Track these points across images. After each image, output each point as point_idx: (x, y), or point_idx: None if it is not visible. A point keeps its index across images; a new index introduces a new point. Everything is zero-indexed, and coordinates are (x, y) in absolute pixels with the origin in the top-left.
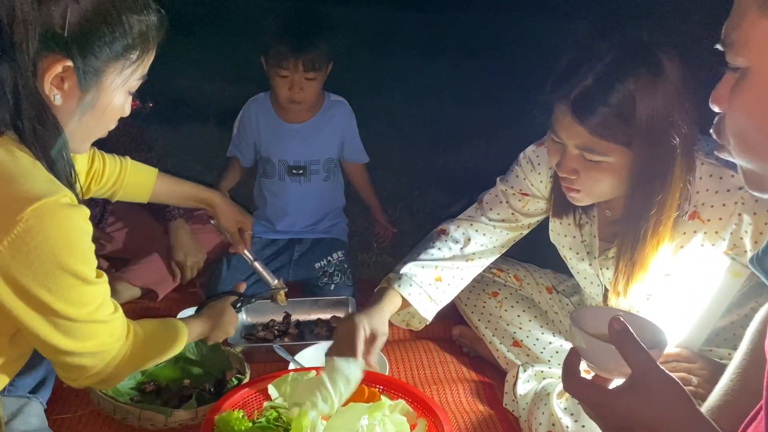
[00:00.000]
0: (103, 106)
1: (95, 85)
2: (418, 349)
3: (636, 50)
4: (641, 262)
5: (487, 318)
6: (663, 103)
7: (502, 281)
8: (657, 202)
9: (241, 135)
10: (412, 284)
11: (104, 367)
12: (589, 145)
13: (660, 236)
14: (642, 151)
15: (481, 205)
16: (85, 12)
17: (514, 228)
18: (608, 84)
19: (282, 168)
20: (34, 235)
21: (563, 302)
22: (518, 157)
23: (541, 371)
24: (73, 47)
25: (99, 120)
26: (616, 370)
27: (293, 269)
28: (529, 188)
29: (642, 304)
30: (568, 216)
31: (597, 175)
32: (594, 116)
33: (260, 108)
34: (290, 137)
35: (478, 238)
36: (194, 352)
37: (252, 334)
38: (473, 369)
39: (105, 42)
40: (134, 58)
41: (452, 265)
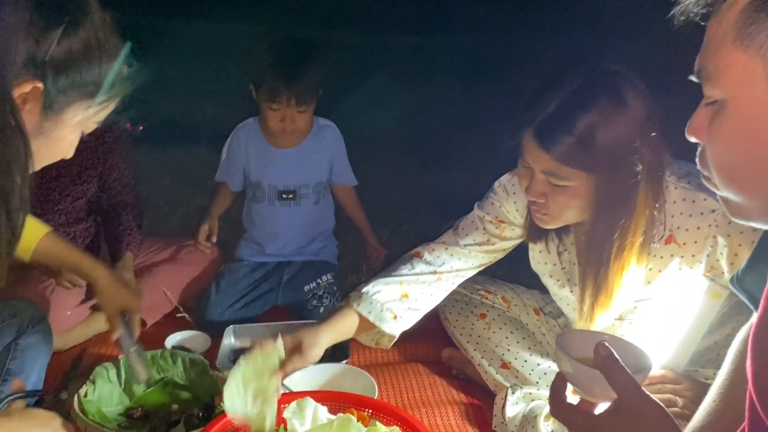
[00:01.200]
0: (57, 137)
1: (56, 115)
2: (407, 371)
3: (599, 80)
4: (605, 287)
5: (476, 340)
6: (624, 132)
7: (490, 303)
8: (620, 227)
9: (230, 160)
10: (373, 302)
11: None
12: (553, 171)
13: (624, 261)
14: (604, 177)
15: (456, 230)
16: (71, 47)
17: (490, 252)
18: (570, 113)
19: (272, 192)
20: None
21: (550, 323)
22: (494, 185)
23: (530, 393)
24: (48, 74)
25: (46, 151)
26: (602, 394)
27: (282, 292)
28: (505, 216)
29: (624, 327)
30: (545, 242)
31: (563, 200)
32: (556, 143)
33: (249, 134)
34: (280, 162)
35: (452, 262)
36: (182, 377)
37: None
38: (462, 391)
39: (80, 79)
40: (101, 101)
41: (419, 280)
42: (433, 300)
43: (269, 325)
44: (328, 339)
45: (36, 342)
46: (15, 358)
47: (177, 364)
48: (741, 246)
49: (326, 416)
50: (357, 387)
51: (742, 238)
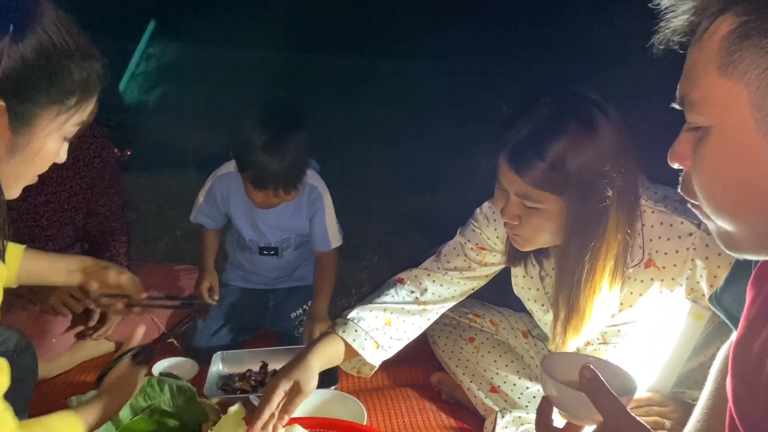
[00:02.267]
0: (34, 150)
1: (27, 128)
2: (396, 396)
3: (571, 106)
4: (576, 310)
5: (465, 364)
6: (594, 158)
7: (479, 326)
8: (590, 249)
9: (210, 205)
10: (358, 329)
11: None
12: (526, 193)
13: (595, 284)
14: (574, 200)
15: (439, 257)
16: (24, 55)
17: (472, 278)
18: (541, 137)
19: (253, 246)
20: None
21: (539, 346)
22: (474, 212)
23: (519, 417)
24: (7, 88)
25: (29, 164)
26: (588, 417)
27: (269, 318)
28: (486, 242)
29: (609, 351)
30: (525, 267)
31: (536, 222)
32: (528, 167)
33: (231, 186)
34: (261, 222)
35: (434, 288)
36: (170, 404)
37: (228, 384)
38: (452, 416)
39: (42, 87)
40: (71, 104)
41: (404, 309)
42: (416, 330)
43: (256, 351)
44: (318, 367)
45: (21, 369)
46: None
47: (164, 391)
48: (720, 268)
49: None
50: (346, 412)
51: (721, 260)
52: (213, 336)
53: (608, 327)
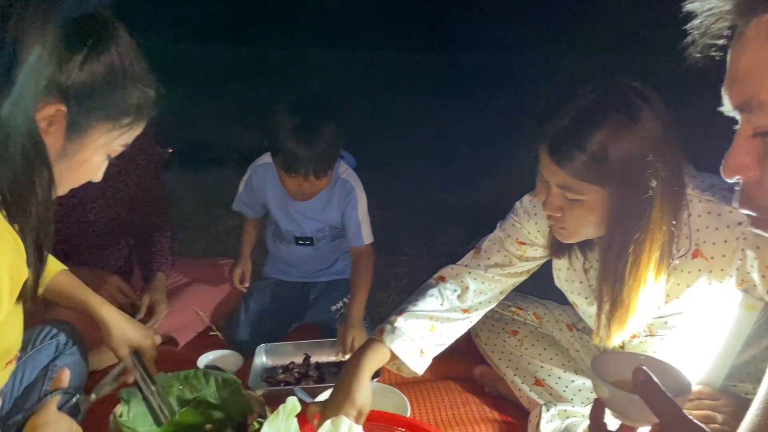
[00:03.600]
0: (81, 160)
1: (80, 137)
2: (439, 389)
3: (612, 95)
4: (621, 304)
5: (508, 357)
6: (637, 147)
7: (522, 319)
8: (634, 242)
9: (249, 195)
10: (405, 339)
11: None
12: (567, 185)
13: (640, 277)
14: (617, 191)
15: (479, 253)
16: (94, 71)
17: (512, 275)
18: (582, 128)
19: (289, 236)
20: None
21: (584, 339)
22: (514, 206)
23: (565, 410)
24: (72, 97)
25: (71, 173)
26: (642, 419)
27: (310, 312)
28: (526, 237)
29: (656, 343)
30: (569, 259)
31: (579, 213)
32: (569, 159)
33: (267, 177)
34: (296, 213)
35: (476, 286)
36: (215, 396)
37: (272, 376)
38: (496, 409)
39: (103, 103)
40: (124, 124)
41: (447, 317)
42: (458, 333)
43: (299, 344)
44: (370, 379)
45: (72, 362)
46: (52, 379)
47: (210, 383)
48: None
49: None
50: (389, 405)
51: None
52: (255, 329)
53: (655, 319)
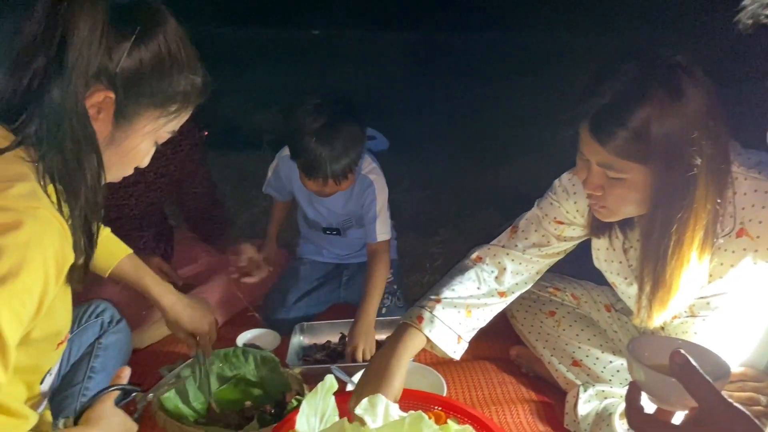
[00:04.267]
0: (129, 147)
1: (128, 124)
2: (475, 369)
3: (655, 70)
4: (663, 284)
5: (545, 338)
6: (681, 124)
7: (559, 300)
8: (677, 221)
9: (277, 182)
10: (443, 327)
11: None
12: (608, 163)
13: (683, 257)
14: (660, 170)
15: (515, 232)
16: (142, 58)
17: (550, 255)
18: (624, 105)
19: (317, 225)
20: None
21: (622, 320)
22: (553, 184)
23: (603, 391)
24: (120, 83)
25: (120, 160)
26: (679, 403)
27: (344, 292)
28: (565, 216)
29: (698, 324)
30: (609, 239)
31: (620, 192)
32: (610, 136)
33: (292, 169)
34: (320, 206)
35: (513, 266)
36: (254, 374)
37: (309, 355)
38: (532, 389)
39: (150, 89)
40: (172, 110)
41: (485, 302)
42: (493, 314)
43: (335, 323)
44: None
45: (116, 341)
46: (98, 357)
47: (249, 361)
48: None
49: (397, 413)
50: (425, 384)
51: None
52: (291, 308)
53: (697, 299)
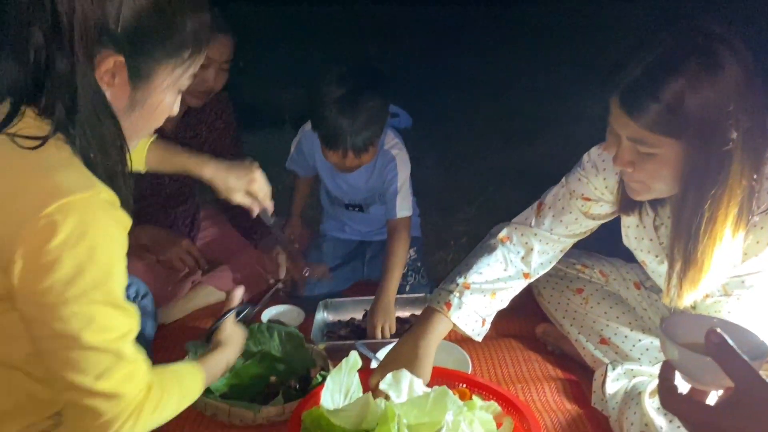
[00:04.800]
0: (153, 104)
1: (146, 83)
2: (500, 346)
3: (691, 41)
4: (695, 263)
5: (572, 315)
6: (717, 98)
7: (587, 277)
8: (710, 197)
9: (300, 157)
10: (470, 312)
11: (116, 416)
12: (639, 138)
13: (715, 235)
14: (693, 145)
15: (542, 209)
16: (140, 9)
17: (576, 234)
18: (657, 77)
19: (339, 202)
20: (57, 234)
21: (652, 298)
22: (582, 159)
23: (631, 369)
24: (125, 43)
25: (148, 118)
26: (714, 382)
27: (367, 270)
28: (593, 192)
29: (732, 303)
30: (639, 216)
31: (651, 168)
32: (640, 110)
33: (315, 143)
34: (342, 181)
35: (540, 247)
36: (279, 350)
37: (333, 331)
38: (559, 367)
39: (158, 40)
40: (186, 57)
41: (510, 285)
42: (514, 295)
43: (358, 300)
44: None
45: (142, 315)
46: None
47: (273, 337)
48: None
49: (422, 389)
50: (450, 361)
51: None
52: (315, 285)
53: (731, 278)
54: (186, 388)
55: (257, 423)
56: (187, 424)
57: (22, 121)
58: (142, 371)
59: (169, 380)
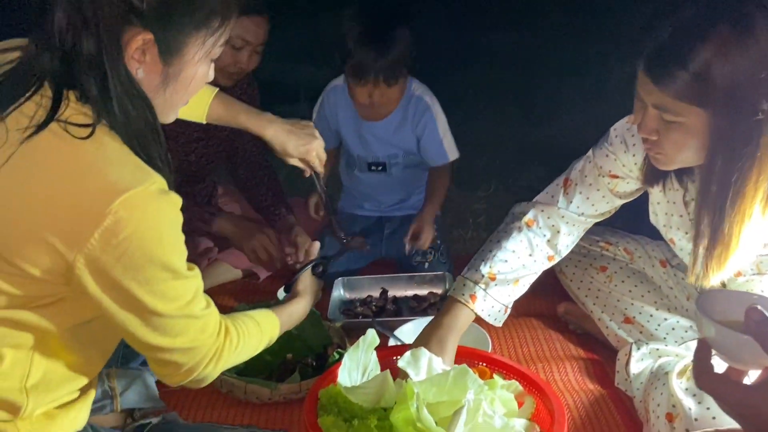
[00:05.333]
0: (187, 78)
1: (177, 57)
2: (521, 325)
3: (722, 3)
4: (722, 240)
5: (595, 294)
6: (748, 65)
7: (611, 255)
8: (738, 169)
9: (321, 121)
10: (493, 302)
11: (196, 364)
12: (664, 106)
13: (743, 210)
14: (720, 114)
15: (569, 186)
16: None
17: (602, 214)
18: (684, 42)
19: (362, 162)
20: (123, 227)
21: (678, 276)
22: (609, 132)
23: (657, 349)
24: (152, 19)
25: (183, 92)
26: (753, 362)
27: (385, 247)
28: (621, 170)
29: (765, 282)
30: (664, 191)
31: (676, 137)
32: (667, 76)
33: (339, 99)
34: (368, 135)
35: (567, 228)
36: (296, 328)
37: (350, 309)
38: (580, 346)
39: (185, 12)
40: (216, 26)
41: (534, 271)
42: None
43: (376, 278)
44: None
45: None
46: None
47: None
48: None
49: (441, 367)
50: (469, 340)
51: None
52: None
53: (763, 256)
54: (264, 331)
55: (273, 400)
56: (203, 400)
57: (69, 107)
58: (214, 321)
59: (247, 324)
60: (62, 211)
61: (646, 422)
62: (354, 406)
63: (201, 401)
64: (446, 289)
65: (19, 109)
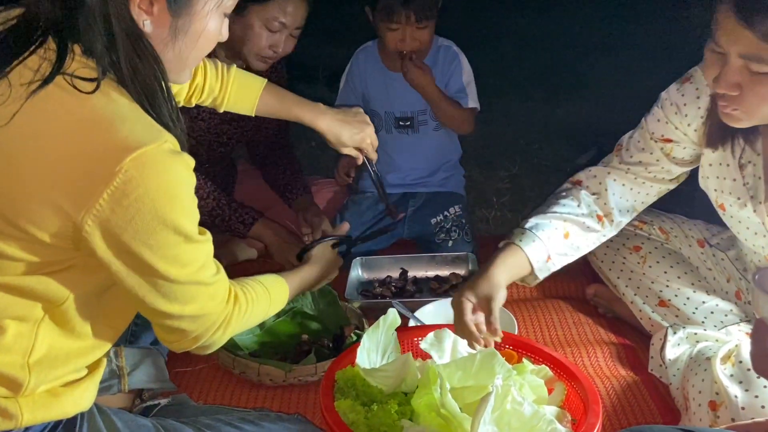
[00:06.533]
0: (197, 31)
1: (186, 8)
2: (548, 308)
3: None
4: None
5: (628, 275)
6: None
7: (646, 234)
8: None
9: (349, 87)
10: (535, 240)
11: (204, 331)
12: (757, 53)
13: None
14: None
15: (620, 151)
16: None
17: (658, 180)
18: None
19: (389, 120)
20: (135, 187)
21: (717, 257)
22: (659, 97)
23: (695, 333)
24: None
25: (193, 47)
26: None
27: (408, 225)
28: (674, 132)
29: None
30: (724, 150)
31: (764, 91)
32: (764, 16)
33: (368, 57)
34: (396, 87)
35: (616, 188)
36: (312, 308)
37: (368, 290)
38: (611, 331)
39: None
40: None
41: (583, 221)
42: (589, 247)
43: (395, 258)
44: (504, 278)
45: None
46: None
47: (306, 294)
48: None
49: (466, 350)
50: None
51: None
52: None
53: None
54: (273, 298)
55: (288, 382)
56: (214, 382)
57: (74, 61)
58: (223, 288)
59: (256, 290)
60: (69, 168)
61: (685, 410)
62: (373, 390)
63: (212, 382)
64: (469, 270)
65: (23, 63)
